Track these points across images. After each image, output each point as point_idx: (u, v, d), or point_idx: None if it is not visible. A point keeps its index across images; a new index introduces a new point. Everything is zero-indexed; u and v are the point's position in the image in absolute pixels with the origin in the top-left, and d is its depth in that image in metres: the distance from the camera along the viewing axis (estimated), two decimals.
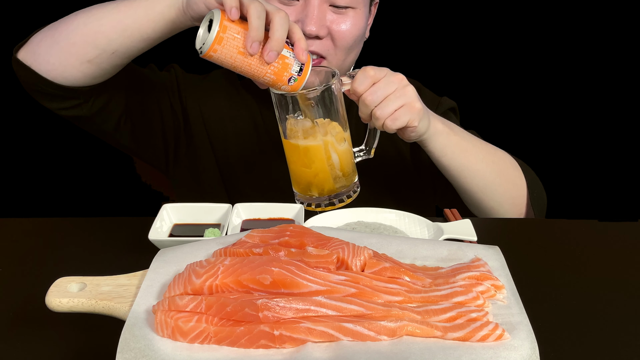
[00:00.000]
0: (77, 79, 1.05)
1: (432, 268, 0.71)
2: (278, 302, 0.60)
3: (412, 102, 0.96)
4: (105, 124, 1.15)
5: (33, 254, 0.92)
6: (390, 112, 0.95)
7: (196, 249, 0.73)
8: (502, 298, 0.66)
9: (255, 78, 0.90)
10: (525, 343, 0.59)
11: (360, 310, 0.61)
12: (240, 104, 1.26)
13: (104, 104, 1.12)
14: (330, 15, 1.10)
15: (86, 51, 1.02)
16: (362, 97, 0.95)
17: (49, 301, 0.66)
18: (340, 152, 0.95)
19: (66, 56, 1.03)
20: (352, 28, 1.11)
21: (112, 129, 1.17)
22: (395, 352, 0.57)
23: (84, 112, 1.11)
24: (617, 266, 0.88)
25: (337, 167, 0.96)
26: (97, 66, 1.04)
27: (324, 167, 0.95)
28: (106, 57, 1.03)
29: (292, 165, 0.98)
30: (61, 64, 1.03)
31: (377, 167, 1.16)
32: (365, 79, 0.95)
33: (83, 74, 1.04)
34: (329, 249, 0.68)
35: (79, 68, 1.03)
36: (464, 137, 1.08)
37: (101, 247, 0.94)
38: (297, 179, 0.98)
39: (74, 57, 1.03)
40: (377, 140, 1.01)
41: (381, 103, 0.95)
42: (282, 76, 0.89)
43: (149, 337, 0.59)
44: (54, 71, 1.04)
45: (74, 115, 1.11)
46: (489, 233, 0.94)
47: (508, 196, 1.11)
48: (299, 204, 0.98)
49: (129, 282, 0.68)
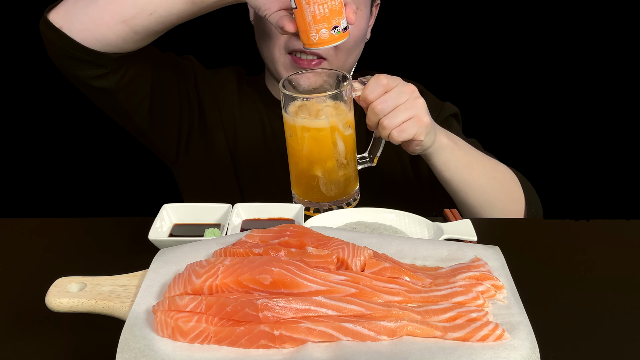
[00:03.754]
0: (109, 41, 1.03)
1: (432, 268, 0.71)
2: (278, 302, 0.60)
3: (421, 115, 0.96)
4: (128, 100, 1.14)
5: (33, 254, 0.92)
6: (397, 123, 0.95)
7: (196, 249, 0.73)
8: (502, 298, 0.66)
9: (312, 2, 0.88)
10: (525, 343, 0.59)
11: (360, 310, 0.61)
12: (248, 104, 1.27)
13: (131, 77, 1.11)
14: None
15: (124, 8, 1.00)
16: (372, 105, 0.95)
17: (49, 301, 0.66)
18: (346, 139, 0.95)
19: (102, 14, 1.01)
20: (353, 29, 1.10)
21: (134, 106, 1.15)
22: (395, 352, 0.57)
23: (110, 84, 1.09)
24: (618, 266, 0.88)
25: (342, 154, 0.95)
26: (132, 28, 1.01)
27: (329, 152, 0.94)
28: (143, 18, 1.00)
29: (294, 159, 0.97)
30: (95, 22, 1.01)
31: (376, 175, 1.16)
32: (377, 87, 0.95)
33: (116, 35, 1.02)
34: (329, 249, 0.68)
35: (113, 28, 1.01)
36: (468, 151, 1.08)
37: (101, 247, 0.94)
38: (299, 175, 0.97)
39: (110, 15, 1.00)
40: (381, 149, 1.01)
41: (390, 113, 0.95)
42: (332, 18, 0.88)
43: (149, 337, 0.59)
44: (87, 31, 1.02)
45: (100, 87, 1.09)
46: (489, 233, 0.94)
47: (507, 211, 1.11)
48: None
49: (129, 282, 0.68)
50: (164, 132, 1.24)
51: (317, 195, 0.97)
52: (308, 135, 0.94)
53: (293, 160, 0.98)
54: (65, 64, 1.07)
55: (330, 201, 0.97)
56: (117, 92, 1.11)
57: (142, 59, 1.11)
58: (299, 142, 0.95)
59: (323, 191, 0.96)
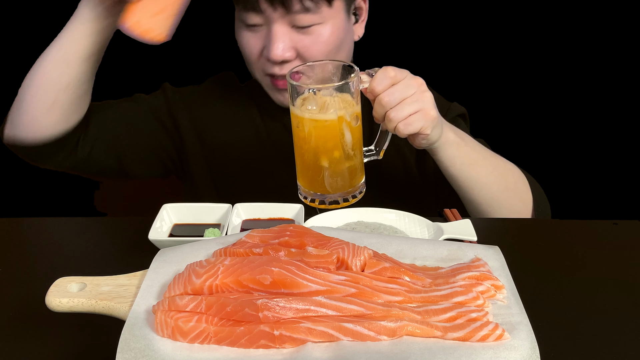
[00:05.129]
0: (54, 128, 1.10)
1: (432, 268, 0.71)
2: (278, 302, 0.60)
3: (428, 109, 0.95)
4: (103, 162, 1.20)
5: (33, 254, 0.92)
6: (404, 116, 0.94)
7: (196, 249, 0.73)
8: (502, 298, 0.66)
9: None
10: (525, 343, 0.59)
11: (360, 310, 0.61)
12: (240, 111, 1.26)
13: (92, 143, 1.17)
14: (296, 36, 1.09)
15: (45, 96, 1.07)
16: (379, 97, 0.95)
17: (49, 301, 0.66)
18: (353, 130, 0.95)
19: (32, 110, 1.09)
20: (320, 45, 1.10)
21: (115, 167, 1.22)
22: (395, 352, 0.57)
23: (78, 158, 1.16)
24: (618, 266, 0.88)
25: (349, 145, 0.95)
26: (62, 107, 1.09)
27: (336, 143, 0.94)
28: (65, 94, 1.08)
29: (300, 151, 0.97)
30: (31, 119, 1.09)
31: (380, 172, 1.15)
32: (385, 79, 0.94)
33: (55, 120, 1.09)
34: (329, 249, 0.68)
35: (47, 117, 1.08)
36: (475, 148, 1.08)
37: (101, 247, 0.94)
38: (305, 166, 0.97)
39: (38, 108, 1.08)
40: (387, 142, 1.00)
41: (397, 106, 0.94)
42: None
43: (149, 337, 0.59)
44: (30, 130, 1.10)
45: (71, 166, 1.17)
46: (489, 233, 0.94)
47: (514, 210, 1.10)
48: (302, 199, 0.97)
49: (129, 282, 0.68)
50: (147, 170, 1.28)
51: (322, 187, 0.96)
52: (315, 126, 0.94)
53: (299, 152, 0.97)
54: (36, 161, 1.16)
55: (336, 193, 0.96)
56: (90, 161, 1.18)
57: (95, 123, 1.18)
58: (306, 133, 0.95)
59: (329, 183, 0.96)
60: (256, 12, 1.08)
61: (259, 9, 1.07)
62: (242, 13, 1.11)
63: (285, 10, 1.06)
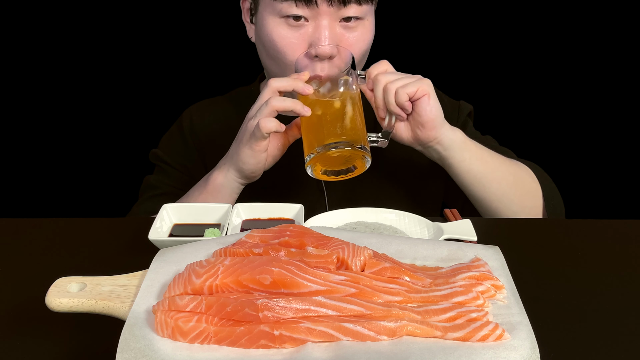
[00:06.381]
0: None
1: (432, 268, 0.71)
2: (278, 302, 0.60)
3: (427, 86, 0.98)
4: None
5: (33, 254, 0.92)
6: (402, 84, 0.97)
7: (196, 249, 0.73)
8: (502, 298, 0.66)
9: None
10: (525, 343, 0.59)
11: (360, 310, 0.61)
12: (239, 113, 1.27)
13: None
14: (341, 32, 1.06)
15: None
16: (376, 77, 0.96)
17: (49, 301, 0.66)
18: (355, 103, 0.97)
19: None
20: (362, 43, 1.08)
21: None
22: (395, 352, 0.57)
23: None
24: (618, 266, 0.88)
25: (350, 108, 0.96)
26: None
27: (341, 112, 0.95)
28: None
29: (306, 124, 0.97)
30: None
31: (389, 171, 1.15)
32: (381, 65, 0.99)
33: None
34: (329, 249, 0.68)
35: None
36: (480, 145, 1.09)
37: (101, 247, 0.94)
38: (310, 126, 0.97)
39: None
40: (393, 123, 1.02)
41: (396, 80, 0.97)
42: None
43: (149, 337, 0.59)
44: None
45: None
46: (489, 233, 0.94)
47: (524, 205, 1.10)
48: (309, 169, 0.97)
49: (129, 282, 0.68)
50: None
51: (325, 138, 0.94)
52: (317, 97, 0.97)
53: (305, 126, 0.98)
54: None
55: (339, 140, 0.94)
56: None
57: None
58: (309, 103, 0.97)
59: (329, 130, 0.95)
60: (305, 3, 1.02)
61: (311, 1, 1.02)
62: (282, 5, 1.03)
63: (342, 4, 1.02)
